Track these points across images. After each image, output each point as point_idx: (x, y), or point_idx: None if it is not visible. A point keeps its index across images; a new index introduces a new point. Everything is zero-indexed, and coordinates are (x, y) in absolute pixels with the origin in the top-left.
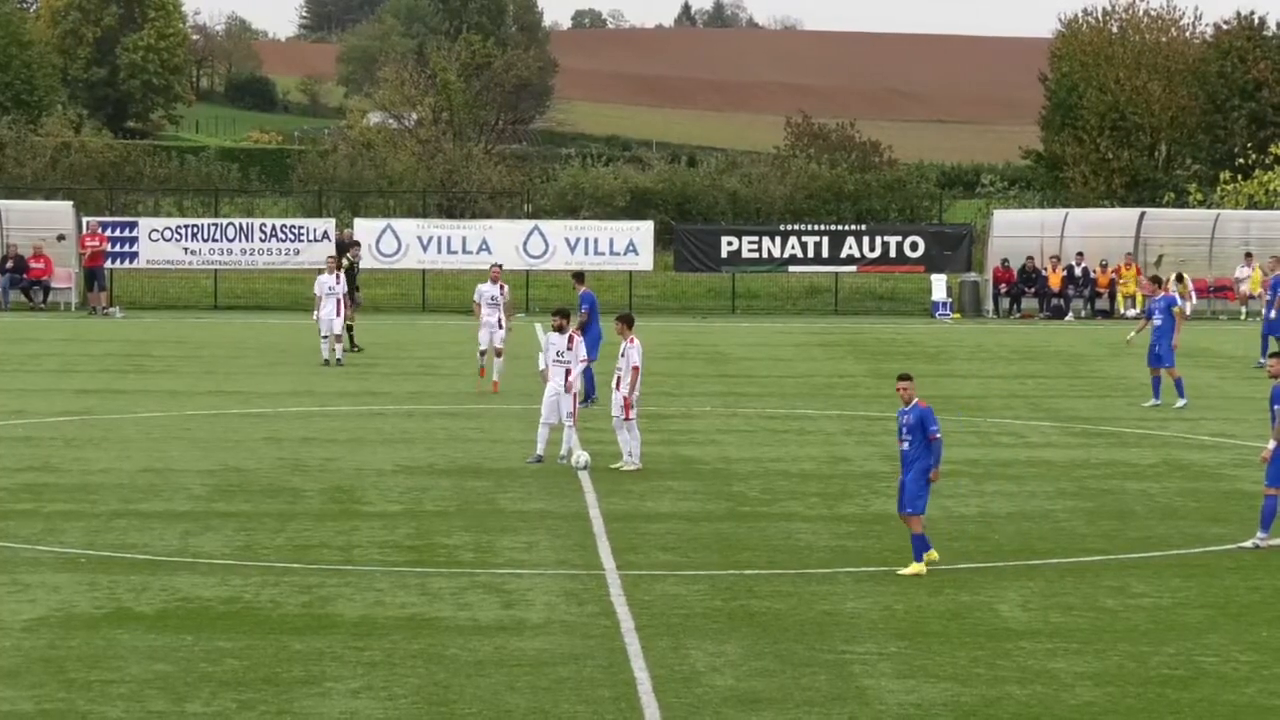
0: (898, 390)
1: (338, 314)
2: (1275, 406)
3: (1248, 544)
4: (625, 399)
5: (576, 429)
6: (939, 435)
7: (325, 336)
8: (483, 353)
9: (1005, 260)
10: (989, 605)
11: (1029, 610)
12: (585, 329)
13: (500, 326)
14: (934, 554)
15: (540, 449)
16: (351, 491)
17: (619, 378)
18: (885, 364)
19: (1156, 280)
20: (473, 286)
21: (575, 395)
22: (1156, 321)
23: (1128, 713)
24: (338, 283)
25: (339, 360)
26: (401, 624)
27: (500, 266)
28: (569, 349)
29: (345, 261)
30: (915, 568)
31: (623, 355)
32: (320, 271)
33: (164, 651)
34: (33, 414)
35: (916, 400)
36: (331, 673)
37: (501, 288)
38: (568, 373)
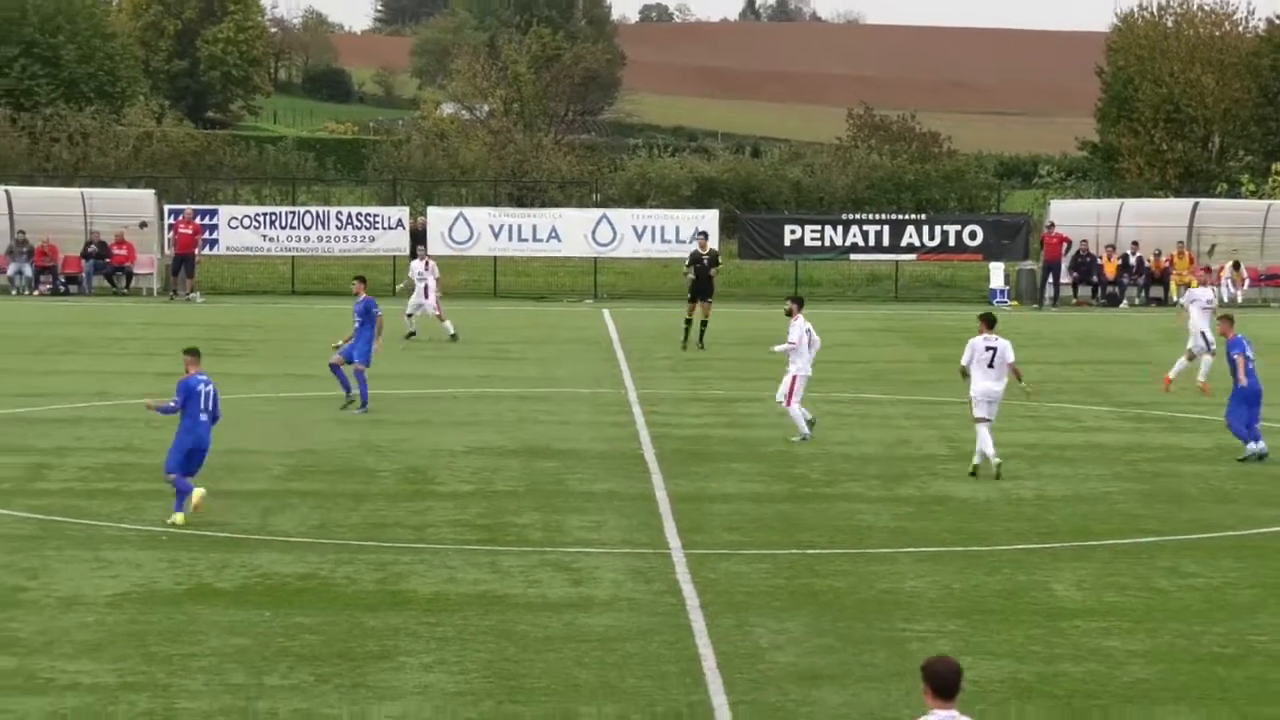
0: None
1: (425, 297)
2: (1235, 354)
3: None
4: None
5: (796, 409)
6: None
7: (410, 315)
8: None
9: (1051, 224)
10: (1044, 585)
11: (1083, 590)
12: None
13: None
14: (179, 518)
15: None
16: (424, 472)
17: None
18: (944, 350)
19: None
20: (543, 273)
21: (795, 379)
22: None
23: (1179, 690)
24: (426, 269)
25: (452, 336)
26: (473, 600)
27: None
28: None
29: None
30: (176, 518)
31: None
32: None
33: (243, 626)
34: (116, 396)
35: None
36: (405, 647)
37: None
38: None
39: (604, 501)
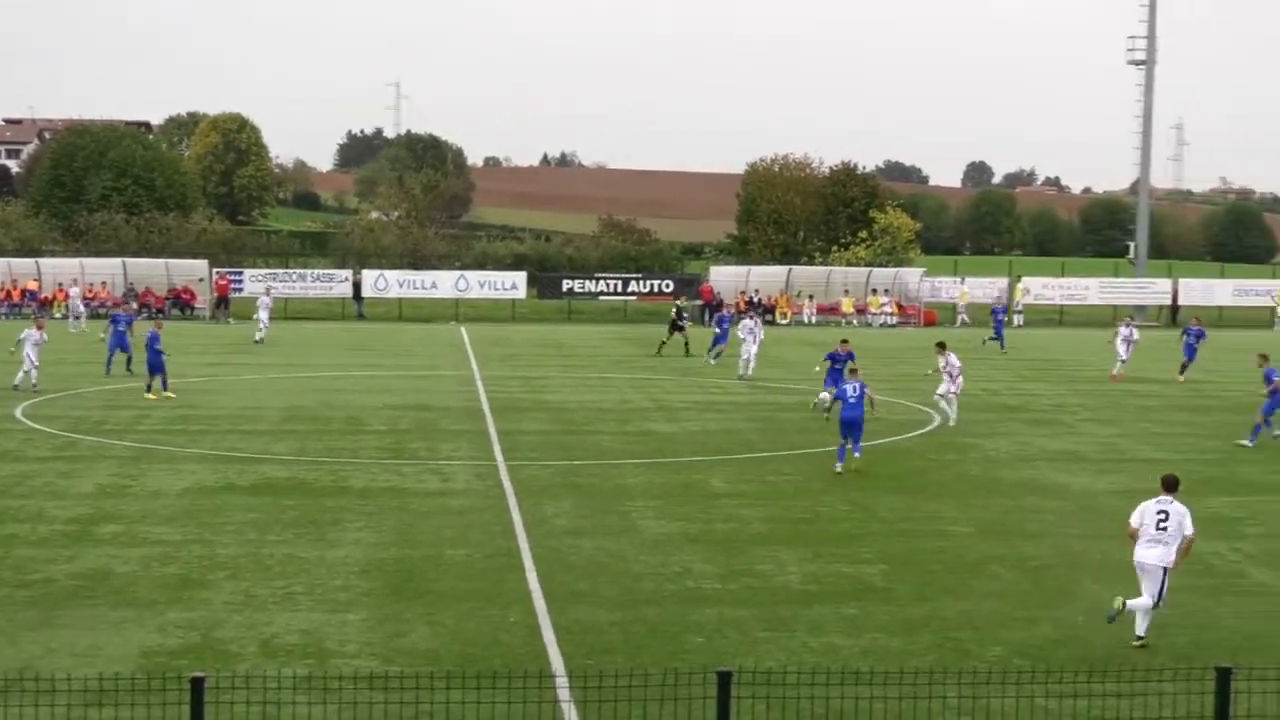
0: None
1: (265, 316)
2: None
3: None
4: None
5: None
6: None
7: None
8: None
9: (705, 281)
10: (706, 480)
11: (727, 482)
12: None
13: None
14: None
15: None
16: (359, 418)
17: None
18: (651, 349)
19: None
20: (428, 306)
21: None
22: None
23: (781, 537)
24: (268, 296)
25: (259, 341)
26: (386, 491)
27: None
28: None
29: (676, 308)
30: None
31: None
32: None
33: (254, 507)
34: (180, 376)
35: None
36: (347, 519)
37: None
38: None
39: (460, 435)
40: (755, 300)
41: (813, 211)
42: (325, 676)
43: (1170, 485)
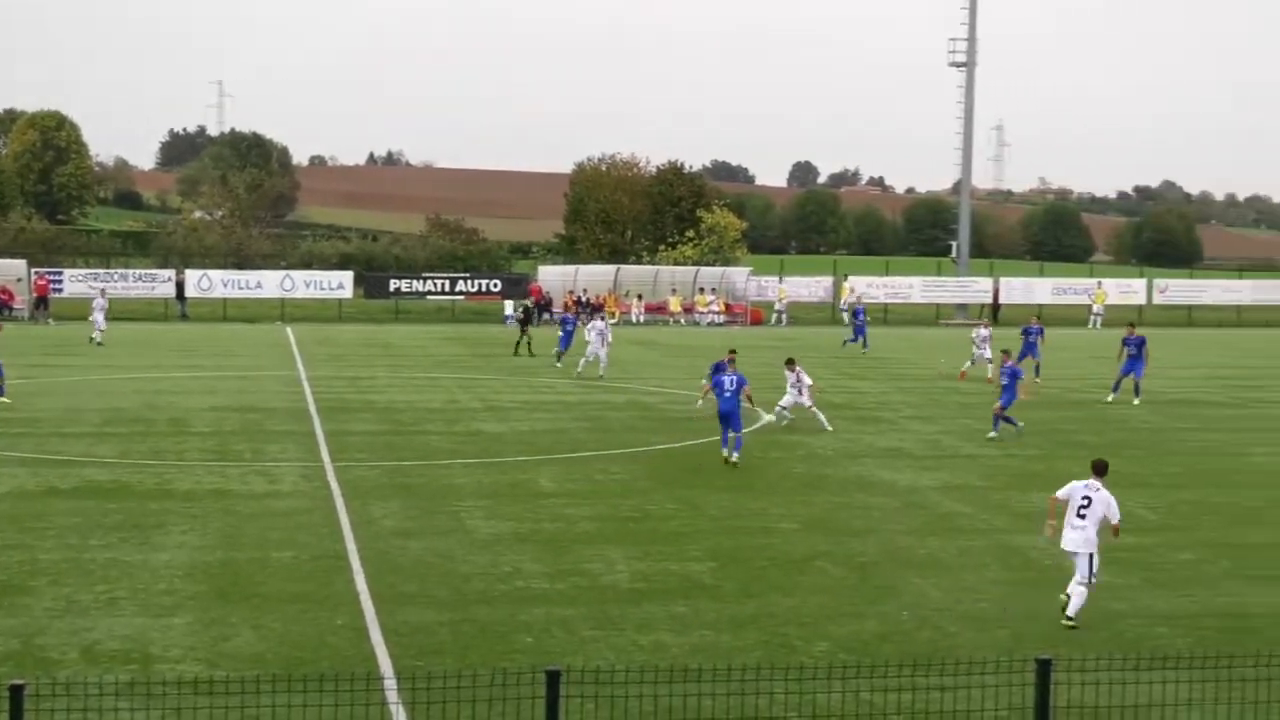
0: None
1: (101, 318)
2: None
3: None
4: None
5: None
6: None
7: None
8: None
9: (533, 281)
10: (534, 480)
11: (555, 481)
12: None
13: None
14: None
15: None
16: (183, 420)
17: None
18: (479, 349)
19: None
20: (252, 307)
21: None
22: (1004, 381)
23: (609, 535)
24: (103, 298)
25: (99, 343)
26: (211, 494)
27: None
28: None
29: (524, 307)
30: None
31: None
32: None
33: (77, 511)
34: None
35: None
36: (171, 522)
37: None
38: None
39: (287, 436)
40: (584, 300)
41: (640, 211)
42: (149, 682)
43: (1099, 470)
